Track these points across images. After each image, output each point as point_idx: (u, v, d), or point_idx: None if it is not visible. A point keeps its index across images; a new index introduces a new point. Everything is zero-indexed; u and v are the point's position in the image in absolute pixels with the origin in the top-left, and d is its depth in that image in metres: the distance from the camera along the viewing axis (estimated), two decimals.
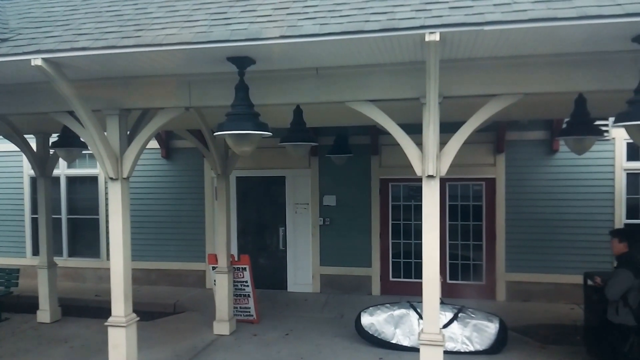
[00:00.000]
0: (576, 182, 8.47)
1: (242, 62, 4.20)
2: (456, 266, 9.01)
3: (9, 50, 4.22)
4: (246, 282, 7.64)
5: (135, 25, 4.27)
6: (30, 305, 8.61)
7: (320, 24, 3.76)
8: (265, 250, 9.75)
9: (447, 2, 3.81)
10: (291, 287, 9.58)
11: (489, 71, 4.29)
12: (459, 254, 9.01)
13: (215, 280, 7.44)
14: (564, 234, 8.49)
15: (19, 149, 7.95)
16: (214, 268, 7.51)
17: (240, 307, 7.69)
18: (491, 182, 8.82)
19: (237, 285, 7.63)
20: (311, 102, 4.81)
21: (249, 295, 7.66)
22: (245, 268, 7.63)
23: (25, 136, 7.73)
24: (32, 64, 4.12)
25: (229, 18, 4.11)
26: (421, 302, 4.53)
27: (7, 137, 7.66)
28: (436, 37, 3.53)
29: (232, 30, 3.87)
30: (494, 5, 3.66)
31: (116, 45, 3.96)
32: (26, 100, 5.28)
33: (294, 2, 4.26)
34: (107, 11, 4.76)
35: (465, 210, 8.98)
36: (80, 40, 4.13)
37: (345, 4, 4.06)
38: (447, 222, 8.92)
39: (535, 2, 3.57)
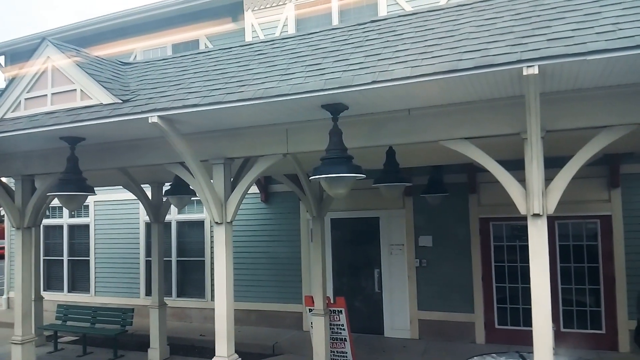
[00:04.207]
0: None
1: (335, 108, 4.34)
2: (571, 313, 8.22)
3: (130, 110, 4.76)
4: (342, 325, 7.56)
5: (238, 81, 4.62)
6: (141, 343, 9.23)
7: (412, 67, 3.80)
8: (360, 292, 9.65)
9: (545, 34, 3.69)
10: (388, 332, 9.31)
11: (596, 102, 4.02)
12: (574, 299, 8.23)
13: (312, 323, 7.46)
14: None
15: (136, 198, 8.76)
16: (310, 310, 7.56)
17: (337, 352, 7.59)
18: (607, 220, 8.06)
19: (333, 329, 7.58)
20: (403, 143, 4.79)
21: (345, 340, 7.56)
22: (341, 311, 7.58)
23: (142, 186, 8.52)
24: (150, 121, 4.59)
25: (323, 68, 4.30)
26: (532, 352, 4.18)
27: (126, 187, 8.50)
28: (535, 70, 3.41)
29: (325, 80, 4.04)
30: (597, 33, 3.48)
31: (222, 100, 4.30)
32: (143, 154, 5.83)
33: (385, 47, 4.37)
34: (213, 70, 5.21)
35: (578, 250, 8.25)
36: (190, 98, 4.55)
37: (436, 45, 4.08)
38: (558, 264, 8.24)
39: None
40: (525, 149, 4.04)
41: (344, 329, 7.55)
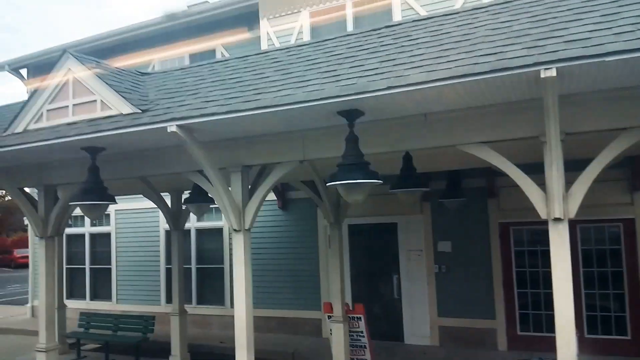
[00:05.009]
0: None
1: (351, 114, 4.35)
2: (595, 318, 8.05)
3: (149, 119, 4.83)
4: (361, 332, 7.52)
5: (254, 89, 4.66)
6: (162, 350, 9.30)
7: (427, 72, 3.79)
8: (379, 299, 9.58)
9: (562, 36, 3.65)
10: (408, 339, 9.23)
11: (616, 103, 3.95)
12: (597, 305, 8.05)
13: (331, 330, 7.44)
14: None
15: (156, 206, 8.87)
16: (329, 317, 7.54)
17: (357, 359, 7.55)
18: (630, 223, 7.89)
19: (352, 336, 7.55)
20: (420, 148, 4.77)
21: (365, 347, 7.52)
22: (360, 317, 7.54)
23: (161, 194, 8.62)
24: (169, 130, 4.65)
25: (339, 75, 4.32)
26: (555, 359, 4.10)
27: (146, 195, 8.62)
28: (552, 72, 3.37)
29: (341, 86, 4.05)
30: (615, 34, 3.43)
31: (239, 109, 4.34)
32: (162, 163, 5.91)
33: (400, 53, 4.37)
34: (230, 78, 5.27)
35: (601, 255, 8.09)
36: (208, 107, 4.60)
37: (452, 49, 4.06)
38: (581, 269, 8.08)
39: None
40: (544, 152, 3.99)
41: (363, 336, 7.51)
